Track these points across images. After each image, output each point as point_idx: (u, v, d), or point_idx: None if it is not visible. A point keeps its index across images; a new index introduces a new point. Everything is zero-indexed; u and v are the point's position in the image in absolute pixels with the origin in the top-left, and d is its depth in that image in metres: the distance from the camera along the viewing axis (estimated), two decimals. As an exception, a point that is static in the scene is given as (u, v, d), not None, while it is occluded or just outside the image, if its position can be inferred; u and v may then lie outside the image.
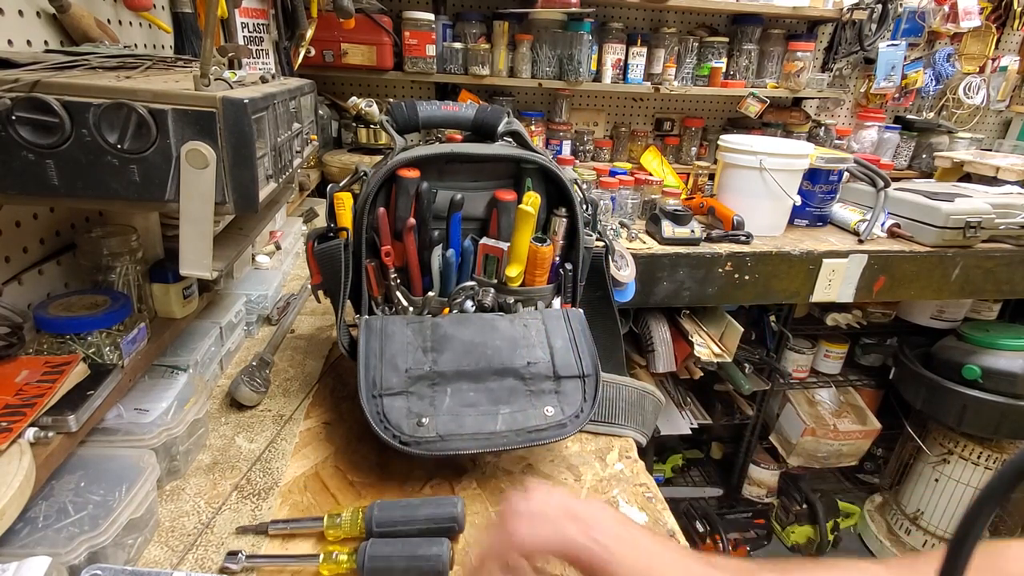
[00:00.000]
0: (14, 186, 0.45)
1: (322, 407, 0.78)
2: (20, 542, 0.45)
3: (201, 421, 0.67)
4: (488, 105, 0.78)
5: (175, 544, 0.55)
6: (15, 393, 0.49)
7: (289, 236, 1.25)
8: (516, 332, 0.68)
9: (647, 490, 0.67)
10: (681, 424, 1.89)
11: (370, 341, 0.65)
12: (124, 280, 0.66)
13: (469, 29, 1.94)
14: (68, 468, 0.53)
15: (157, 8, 0.89)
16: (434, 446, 0.59)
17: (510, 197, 0.71)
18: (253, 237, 0.74)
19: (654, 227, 1.60)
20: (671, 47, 2.06)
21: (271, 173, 0.56)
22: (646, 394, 0.79)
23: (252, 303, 0.95)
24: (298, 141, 0.68)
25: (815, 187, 1.75)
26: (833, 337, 2.14)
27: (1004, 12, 2.38)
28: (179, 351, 0.74)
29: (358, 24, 1.65)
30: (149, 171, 0.46)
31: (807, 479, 2.24)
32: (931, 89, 2.45)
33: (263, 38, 1.27)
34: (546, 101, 2.22)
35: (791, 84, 2.13)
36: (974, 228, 1.62)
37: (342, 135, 1.80)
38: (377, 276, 0.71)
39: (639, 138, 2.24)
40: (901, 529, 2.07)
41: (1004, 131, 2.65)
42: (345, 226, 0.71)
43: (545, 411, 0.63)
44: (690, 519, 2.03)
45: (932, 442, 1.98)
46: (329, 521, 0.56)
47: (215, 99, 0.45)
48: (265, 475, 0.65)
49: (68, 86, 0.44)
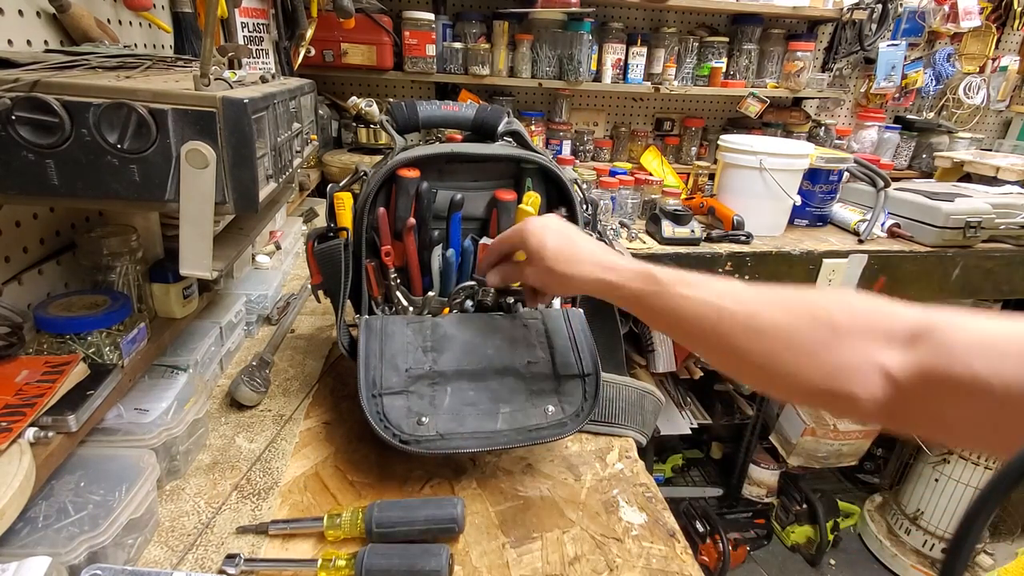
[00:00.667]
0: (14, 186, 0.45)
1: (322, 407, 0.78)
2: (20, 542, 0.45)
3: (201, 421, 0.67)
4: (488, 105, 0.78)
5: (175, 544, 0.55)
6: (15, 393, 0.49)
7: (289, 236, 1.25)
8: (516, 332, 0.68)
9: (647, 490, 0.67)
10: (681, 424, 1.89)
11: (370, 341, 0.65)
12: (124, 280, 0.66)
13: (469, 29, 1.94)
14: (68, 468, 0.53)
15: (157, 8, 0.89)
16: (434, 444, 0.59)
17: (510, 197, 0.71)
18: (253, 237, 0.74)
19: (654, 227, 1.60)
20: (671, 47, 2.06)
21: (271, 173, 0.56)
22: (646, 394, 0.79)
23: (252, 303, 0.95)
24: (298, 141, 0.68)
25: (815, 187, 1.75)
26: (833, 337, 2.14)
27: (1004, 12, 2.38)
28: (179, 351, 0.74)
29: (358, 24, 1.65)
30: (149, 171, 0.46)
31: (807, 479, 2.24)
32: (931, 89, 2.45)
33: (263, 38, 1.27)
34: (546, 101, 2.22)
35: (791, 84, 2.13)
36: (974, 228, 1.62)
37: (342, 135, 1.80)
38: (377, 276, 0.71)
39: (639, 138, 2.24)
40: (901, 529, 2.07)
41: (1004, 131, 2.65)
42: (345, 226, 0.71)
43: (546, 410, 0.63)
44: (690, 519, 2.03)
45: (932, 442, 1.98)
46: (329, 521, 0.55)
47: (215, 99, 0.45)
48: (265, 475, 0.65)
49: (68, 86, 0.44)
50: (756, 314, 0.43)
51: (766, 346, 0.42)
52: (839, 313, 0.40)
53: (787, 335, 0.41)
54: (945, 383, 0.34)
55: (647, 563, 0.57)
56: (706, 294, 0.47)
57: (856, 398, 0.38)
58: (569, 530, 0.60)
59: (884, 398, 0.37)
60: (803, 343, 0.40)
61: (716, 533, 1.95)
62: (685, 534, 0.74)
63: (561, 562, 0.56)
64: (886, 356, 0.37)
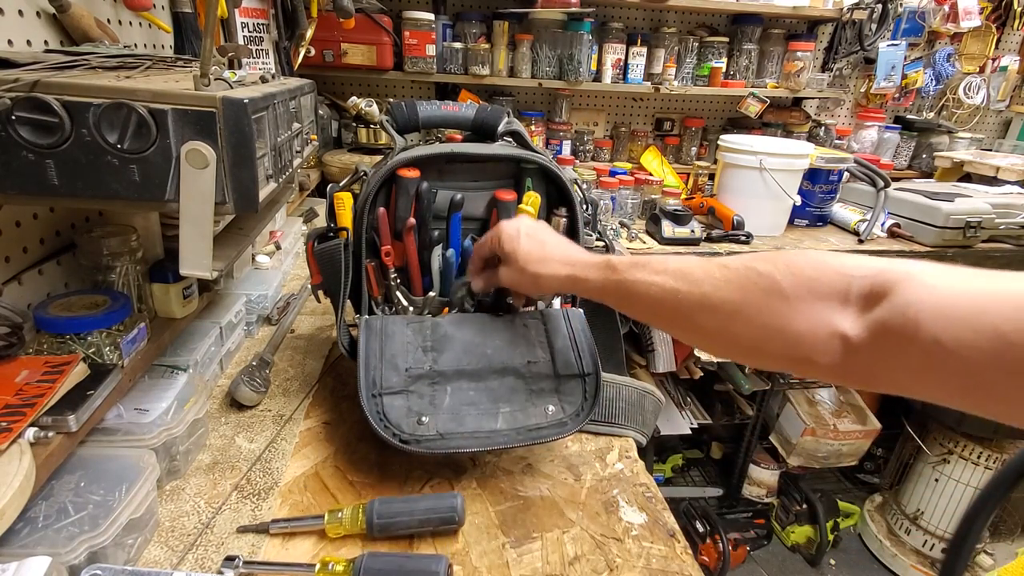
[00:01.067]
0: (14, 186, 0.45)
1: (322, 407, 0.78)
2: (20, 542, 0.45)
3: (201, 421, 0.67)
4: (488, 105, 0.78)
5: (175, 544, 0.55)
6: (15, 393, 0.49)
7: (289, 236, 1.25)
8: (516, 332, 0.68)
9: (647, 490, 0.67)
10: (681, 424, 1.89)
11: (370, 341, 0.65)
12: (124, 280, 0.66)
13: (469, 29, 1.94)
14: (68, 468, 0.53)
15: (157, 8, 0.89)
16: (434, 444, 0.59)
17: (510, 197, 0.71)
18: (253, 237, 0.74)
19: (654, 227, 1.60)
20: (671, 47, 2.06)
21: (271, 173, 0.56)
22: (646, 394, 0.79)
23: (252, 303, 0.95)
24: (298, 141, 0.68)
25: (815, 187, 1.76)
26: (833, 337, 2.14)
27: (1004, 12, 2.38)
28: (179, 351, 0.74)
29: (358, 24, 1.65)
30: (149, 171, 0.46)
31: (807, 479, 2.24)
32: (931, 89, 2.45)
33: (263, 38, 1.27)
34: (546, 101, 2.22)
35: (791, 84, 2.13)
36: (974, 228, 1.62)
37: (342, 135, 1.80)
38: (377, 276, 0.71)
39: (639, 138, 2.24)
40: (901, 529, 2.07)
41: (1004, 131, 2.65)
42: (345, 226, 0.71)
43: (546, 410, 0.63)
44: (690, 519, 2.02)
45: (932, 442, 1.98)
46: (330, 517, 0.56)
47: (215, 99, 0.45)
48: (265, 475, 0.65)
49: (68, 86, 0.44)
50: (708, 295, 0.44)
51: (722, 323, 0.43)
52: (785, 279, 0.40)
53: (740, 311, 0.42)
54: (908, 346, 0.33)
55: (647, 563, 0.57)
56: (661, 278, 0.48)
57: (815, 363, 0.38)
58: (569, 530, 0.60)
59: (843, 360, 0.37)
60: (756, 317, 0.41)
61: (716, 533, 1.95)
62: (685, 534, 0.74)
63: (561, 562, 0.56)
64: (840, 319, 0.37)
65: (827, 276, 0.38)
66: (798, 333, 0.39)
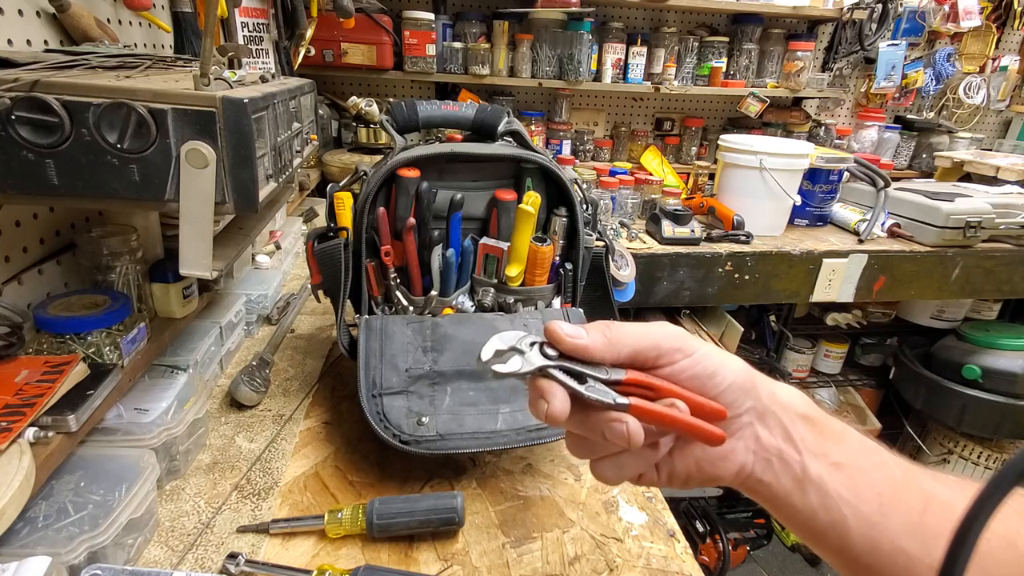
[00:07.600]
0: (14, 186, 0.45)
1: (322, 407, 0.78)
2: (20, 542, 0.45)
3: (201, 421, 0.67)
4: (488, 105, 0.78)
5: (175, 544, 0.55)
6: (15, 393, 0.49)
7: (289, 236, 1.25)
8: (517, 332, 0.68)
9: (647, 490, 0.67)
10: (681, 424, 1.89)
11: (370, 341, 0.65)
12: (124, 280, 0.66)
13: (469, 29, 1.94)
14: (68, 468, 0.53)
15: (157, 8, 0.89)
16: (434, 445, 0.59)
17: (510, 197, 0.71)
18: (253, 237, 0.74)
19: (654, 227, 1.60)
20: (671, 47, 2.06)
21: (271, 173, 0.56)
22: (646, 394, 0.79)
23: (252, 303, 0.95)
24: (298, 141, 0.68)
25: (815, 187, 1.75)
26: (833, 337, 2.14)
27: (1004, 12, 2.38)
28: (179, 351, 0.74)
29: (358, 24, 1.65)
30: (149, 171, 0.46)
31: (807, 479, 2.24)
32: (931, 89, 2.45)
33: (263, 38, 1.27)
34: (546, 101, 2.22)
35: (791, 84, 2.13)
36: (974, 228, 1.62)
37: (342, 135, 1.80)
38: (377, 276, 0.71)
39: (639, 138, 2.24)
40: (901, 529, 2.07)
41: (1004, 131, 2.65)
42: (345, 226, 0.71)
43: (545, 411, 0.63)
44: (690, 519, 2.03)
45: (932, 442, 1.98)
46: (330, 517, 0.56)
47: (215, 99, 0.45)
48: (265, 475, 0.65)
49: (68, 86, 0.44)
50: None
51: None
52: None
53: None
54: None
55: (647, 563, 0.57)
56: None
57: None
58: (569, 530, 0.60)
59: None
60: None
61: (716, 533, 1.95)
62: (685, 534, 0.74)
63: (561, 562, 0.56)
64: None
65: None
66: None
